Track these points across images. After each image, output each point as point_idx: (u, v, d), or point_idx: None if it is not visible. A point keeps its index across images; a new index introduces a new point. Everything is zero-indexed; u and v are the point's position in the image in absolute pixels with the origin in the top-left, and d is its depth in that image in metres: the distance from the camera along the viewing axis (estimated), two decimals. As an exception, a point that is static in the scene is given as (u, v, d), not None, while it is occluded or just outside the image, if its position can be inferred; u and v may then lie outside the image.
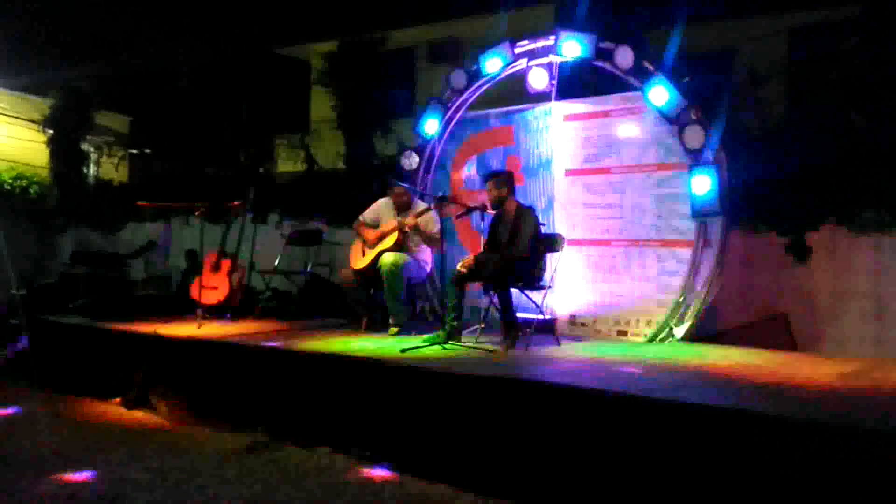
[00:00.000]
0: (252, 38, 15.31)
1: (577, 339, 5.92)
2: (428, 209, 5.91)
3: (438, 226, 5.77)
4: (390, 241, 6.01)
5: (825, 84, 6.86)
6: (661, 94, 5.60)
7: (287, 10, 15.65)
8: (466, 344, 5.27)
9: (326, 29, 12.55)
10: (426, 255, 6.22)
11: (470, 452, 3.99)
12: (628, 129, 6.05)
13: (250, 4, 16.71)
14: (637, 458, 3.46)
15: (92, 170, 13.26)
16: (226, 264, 6.90)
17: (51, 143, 12.25)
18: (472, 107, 6.97)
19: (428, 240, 5.96)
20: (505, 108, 6.84)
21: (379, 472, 4.15)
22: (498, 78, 6.64)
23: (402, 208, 6.19)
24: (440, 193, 5.82)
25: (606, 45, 5.89)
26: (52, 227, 11.94)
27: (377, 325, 6.02)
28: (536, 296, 5.44)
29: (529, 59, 6.38)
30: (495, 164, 6.70)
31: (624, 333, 5.93)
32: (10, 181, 11.97)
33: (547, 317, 5.62)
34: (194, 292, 6.59)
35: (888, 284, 5.69)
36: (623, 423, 3.55)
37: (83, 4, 16.60)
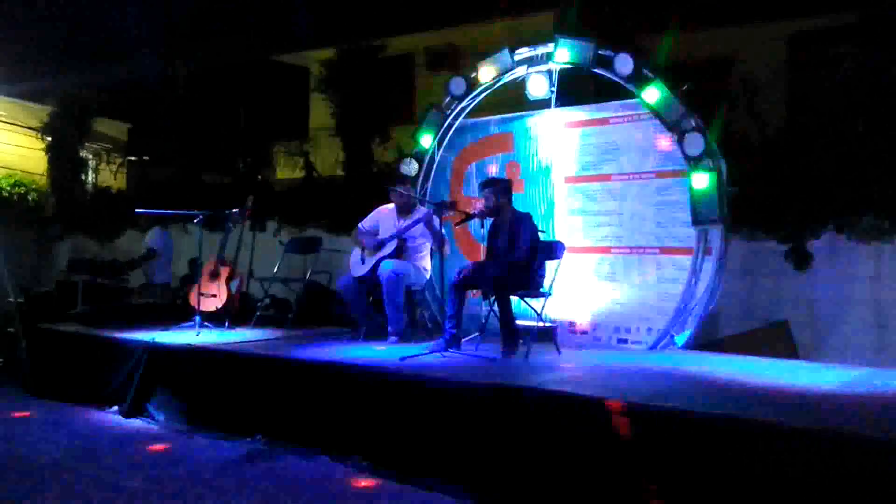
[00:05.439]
0: (251, 46, 15.33)
1: (578, 346, 5.90)
2: (431, 213, 5.89)
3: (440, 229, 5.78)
4: (389, 248, 5.98)
5: (824, 90, 6.87)
6: (659, 99, 5.59)
7: (286, 18, 15.68)
8: (466, 352, 5.25)
9: (325, 36, 12.58)
10: (426, 262, 6.20)
11: (470, 461, 3.97)
12: (628, 137, 6.04)
13: (250, 12, 16.74)
14: (638, 467, 3.43)
15: (90, 177, 13.26)
16: (224, 272, 6.87)
17: (49, 150, 12.25)
18: (471, 114, 6.97)
19: (436, 237, 5.88)
20: (504, 115, 6.84)
21: (377, 481, 4.12)
22: (497, 85, 6.64)
23: (404, 210, 6.17)
24: (440, 200, 5.80)
25: (606, 52, 5.90)
26: (49, 235, 11.92)
27: (376, 333, 5.99)
28: (536, 303, 5.42)
29: (529, 67, 6.38)
30: (494, 171, 6.69)
31: (624, 341, 5.92)
32: (8, 188, 11.97)
33: (547, 324, 5.60)
34: (193, 300, 6.57)
35: (888, 292, 5.68)
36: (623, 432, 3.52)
37: (82, 11, 16.62)
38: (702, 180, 5.43)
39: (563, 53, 6.07)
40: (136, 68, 14.88)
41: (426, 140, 7.00)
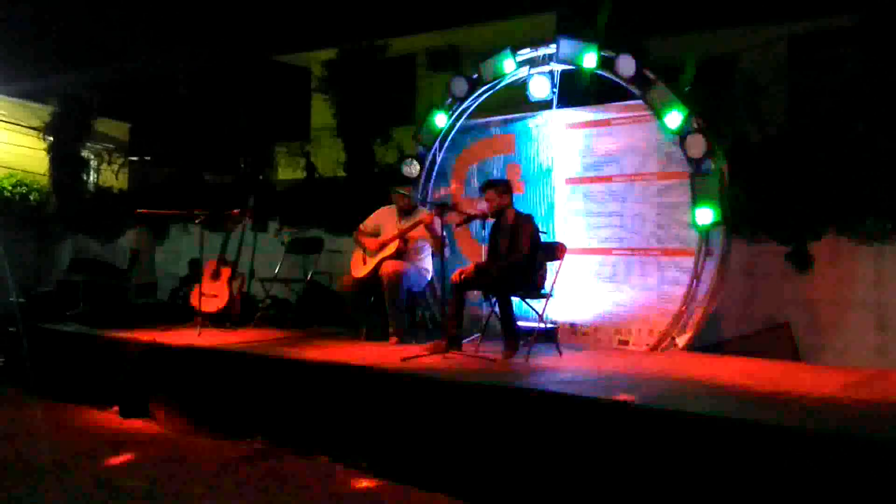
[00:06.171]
0: (252, 46, 15.33)
1: (578, 348, 5.89)
2: (431, 214, 5.89)
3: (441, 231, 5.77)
4: (391, 249, 5.98)
5: (825, 92, 6.85)
6: (669, 111, 5.56)
7: (287, 18, 15.68)
8: (467, 353, 5.24)
9: (326, 36, 12.56)
10: (427, 263, 6.20)
11: (470, 462, 3.96)
12: (629, 138, 6.03)
13: (251, 12, 16.74)
14: (639, 468, 3.43)
15: (91, 177, 13.25)
16: (226, 272, 6.86)
17: (50, 150, 12.24)
18: (472, 115, 6.95)
19: (435, 240, 5.86)
20: (506, 116, 6.83)
21: (378, 482, 4.12)
22: (499, 86, 6.63)
23: (405, 212, 6.17)
24: (441, 201, 5.79)
25: (608, 53, 5.89)
26: (50, 235, 11.92)
27: (377, 334, 5.99)
28: (537, 304, 5.41)
29: (531, 68, 6.37)
30: (495, 173, 6.68)
31: (625, 343, 5.91)
32: (9, 188, 11.97)
33: (548, 325, 5.60)
34: (194, 300, 6.56)
35: (890, 293, 5.67)
36: (624, 433, 3.52)
37: (83, 11, 16.63)
38: (702, 181, 5.42)
39: (565, 54, 6.05)
40: (138, 68, 14.89)
41: (440, 119, 6.89)
